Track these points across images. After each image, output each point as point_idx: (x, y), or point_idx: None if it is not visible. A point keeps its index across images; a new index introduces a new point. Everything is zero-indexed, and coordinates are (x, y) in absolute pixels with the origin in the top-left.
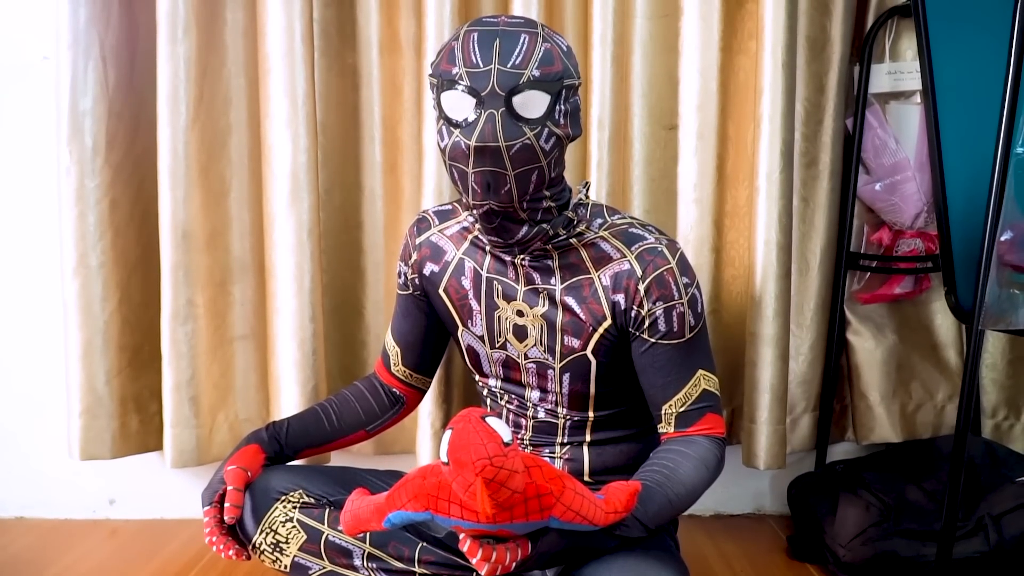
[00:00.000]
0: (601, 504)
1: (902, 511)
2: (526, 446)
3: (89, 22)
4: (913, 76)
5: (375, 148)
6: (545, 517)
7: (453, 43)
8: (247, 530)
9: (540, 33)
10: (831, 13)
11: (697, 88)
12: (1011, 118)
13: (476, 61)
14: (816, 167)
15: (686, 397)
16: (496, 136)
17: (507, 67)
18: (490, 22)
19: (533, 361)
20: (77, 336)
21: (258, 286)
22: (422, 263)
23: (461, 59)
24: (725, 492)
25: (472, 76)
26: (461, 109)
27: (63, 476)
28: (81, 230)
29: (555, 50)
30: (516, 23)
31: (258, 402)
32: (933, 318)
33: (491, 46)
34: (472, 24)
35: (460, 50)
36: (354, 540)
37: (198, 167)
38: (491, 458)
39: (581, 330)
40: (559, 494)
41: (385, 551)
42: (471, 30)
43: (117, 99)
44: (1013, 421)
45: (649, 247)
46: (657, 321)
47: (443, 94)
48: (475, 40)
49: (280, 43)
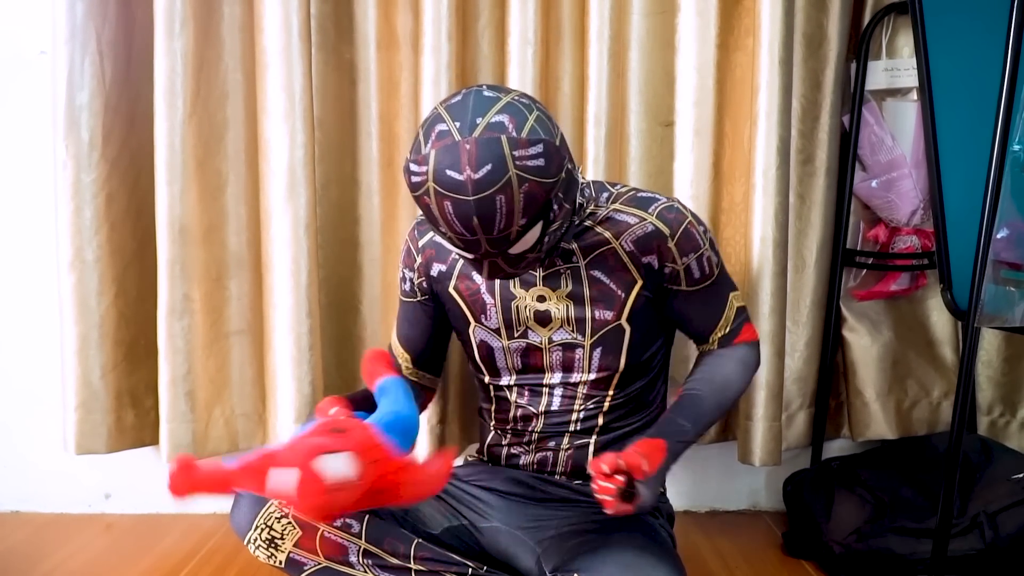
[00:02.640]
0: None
1: (897, 508)
2: (533, 436)
3: (86, 17)
4: (910, 73)
5: (372, 143)
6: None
7: (427, 200)
8: (239, 523)
9: (512, 176)
10: (828, 10)
11: (694, 85)
12: (1007, 116)
13: (460, 231)
14: (812, 164)
15: (726, 321)
16: (503, 271)
17: (494, 235)
18: (457, 183)
19: (559, 344)
20: (73, 331)
21: (254, 281)
22: (428, 264)
23: (446, 226)
24: (721, 488)
25: (463, 241)
26: (459, 251)
27: (58, 470)
28: (77, 224)
29: (532, 188)
30: (484, 184)
31: (254, 397)
32: (929, 315)
33: (470, 221)
34: (439, 180)
35: (439, 215)
36: (350, 537)
37: (195, 162)
38: (317, 510)
39: (613, 300)
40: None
41: (381, 547)
42: (443, 196)
43: (114, 93)
44: (1009, 418)
45: (665, 206)
46: (691, 271)
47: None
48: (451, 212)
49: (277, 38)
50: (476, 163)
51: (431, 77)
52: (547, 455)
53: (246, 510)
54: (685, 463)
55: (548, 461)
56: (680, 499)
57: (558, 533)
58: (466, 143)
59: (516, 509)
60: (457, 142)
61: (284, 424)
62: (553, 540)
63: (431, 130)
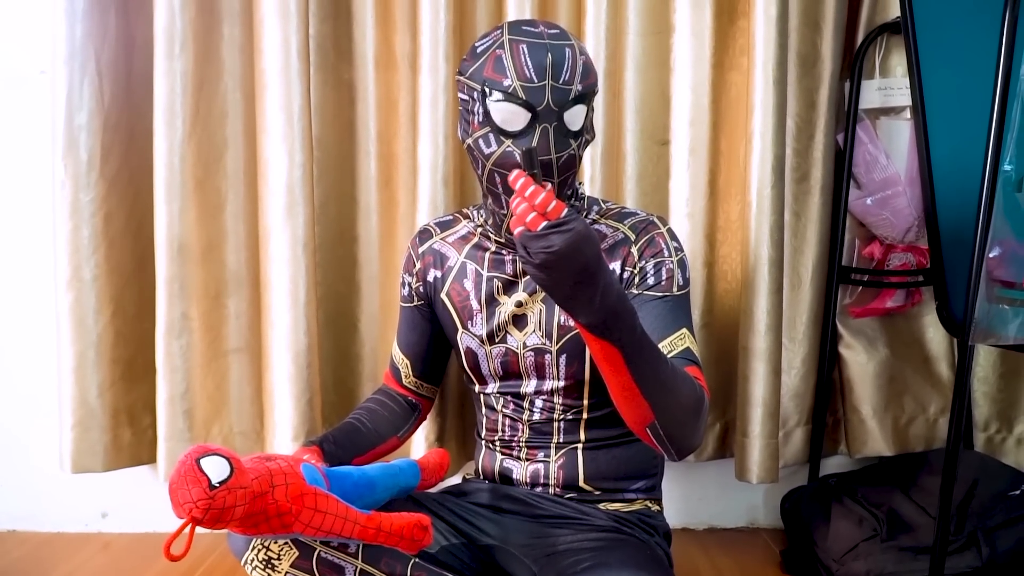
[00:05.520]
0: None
1: (895, 525)
2: (522, 448)
3: (85, 37)
4: (903, 92)
5: (370, 162)
6: (289, 532)
7: (499, 51)
8: (236, 543)
9: (576, 44)
10: (822, 30)
11: (689, 104)
12: (999, 136)
13: (530, 76)
14: (808, 182)
15: (671, 346)
16: (549, 150)
17: (559, 83)
18: (534, 33)
19: (531, 349)
20: (70, 349)
21: (253, 299)
22: (426, 270)
23: (513, 71)
24: (719, 505)
25: (527, 91)
26: (515, 121)
27: (55, 489)
28: (75, 243)
29: (588, 61)
30: (556, 35)
31: (252, 415)
32: (925, 331)
33: (543, 61)
34: (515, 32)
35: (511, 61)
36: (346, 557)
37: (194, 181)
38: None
39: None
40: (297, 514)
41: (377, 567)
42: (518, 40)
43: (113, 113)
44: (1005, 434)
45: (641, 219)
46: (647, 275)
47: (492, 103)
48: (526, 53)
49: (276, 58)
50: (547, 26)
51: (429, 97)
52: (538, 468)
53: None
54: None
55: (540, 474)
56: (678, 516)
57: (556, 551)
58: (538, 23)
59: (514, 527)
60: (527, 20)
61: (282, 442)
62: (550, 559)
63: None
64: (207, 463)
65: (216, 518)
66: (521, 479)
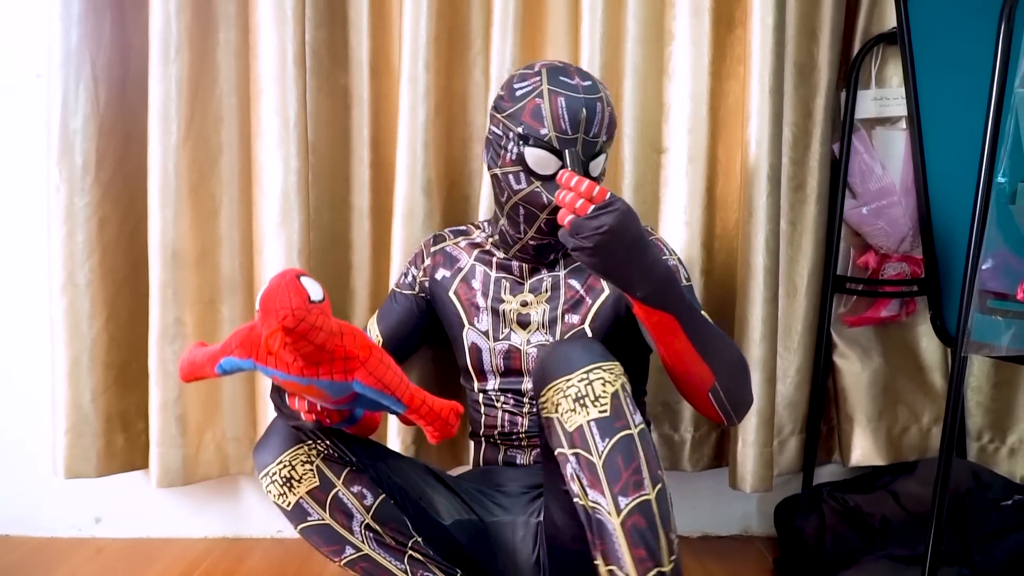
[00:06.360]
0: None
1: (888, 534)
2: (522, 438)
3: (81, 42)
4: (899, 102)
5: (365, 168)
6: (349, 379)
7: (538, 100)
8: (264, 456)
9: (604, 96)
10: (818, 40)
11: (688, 112)
12: (993, 148)
13: (565, 128)
14: (803, 191)
15: None
16: None
17: (589, 136)
18: (570, 85)
19: (535, 346)
20: (64, 354)
21: (247, 304)
22: (434, 268)
23: (551, 122)
24: (713, 513)
25: (561, 141)
26: (546, 166)
27: (48, 494)
28: (70, 248)
29: (613, 112)
30: (589, 87)
31: (245, 421)
32: (919, 341)
33: (578, 116)
34: (553, 83)
35: (548, 113)
36: (360, 506)
37: (188, 186)
38: (293, 310)
39: (581, 306)
40: (364, 360)
41: (383, 528)
42: (556, 92)
43: (108, 118)
44: (998, 444)
45: None
46: None
47: (528, 148)
48: (563, 106)
49: (272, 64)
50: (581, 76)
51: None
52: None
53: (274, 445)
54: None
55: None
56: None
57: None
58: (571, 67)
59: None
60: (563, 66)
61: None
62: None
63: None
64: (307, 281)
65: (303, 333)
66: (525, 463)
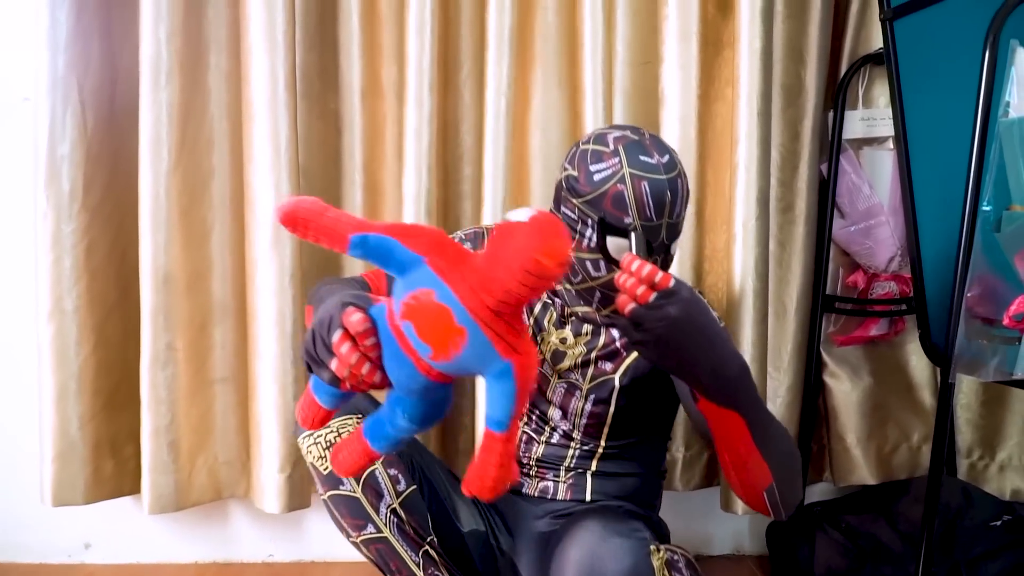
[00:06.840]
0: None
1: (878, 554)
2: (532, 467)
3: (68, 67)
4: (886, 122)
5: (356, 192)
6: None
7: (620, 187)
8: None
9: (681, 168)
10: (805, 61)
11: (677, 135)
12: (978, 176)
13: (650, 216)
14: (792, 212)
15: None
16: None
17: (673, 218)
18: (652, 166)
19: (565, 382)
20: (51, 381)
21: (239, 329)
22: None
23: (635, 211)
24: (705, 533)
25: (646, 229)
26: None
27: (39, 520)
28: (57, 274)
29: (687, 183)
30: (668, 164)
31: (238, 445)
32: (908, 360)
33: (663, 200)
34: (634, 165)
35: (633, 200)
36: (391, 490)
37: (179, 210)
38: (562, 264)
39: (615, 356)
40: (530, 353)
41: (408, 517)
42: (640, 177)
43: (96, 143)
44: (988, 461)
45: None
46: None
47: (611, 238)
48: (647, 192)
49: (264, 88)
50: (659, 151)
51: (413, 129)
52: (548, 484)
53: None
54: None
55: (549, 490)
56: None
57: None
58: (645, 136)
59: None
60: (638, 138)
61: (268, 472)
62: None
63: (604, 136)
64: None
65: (552, 276)
66: (530, 493)
